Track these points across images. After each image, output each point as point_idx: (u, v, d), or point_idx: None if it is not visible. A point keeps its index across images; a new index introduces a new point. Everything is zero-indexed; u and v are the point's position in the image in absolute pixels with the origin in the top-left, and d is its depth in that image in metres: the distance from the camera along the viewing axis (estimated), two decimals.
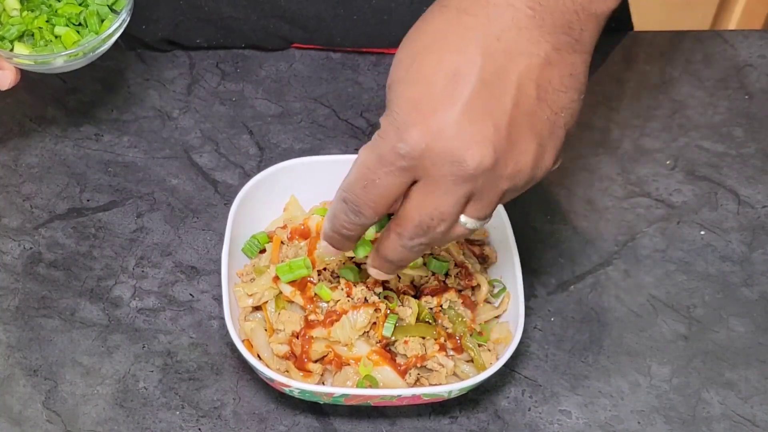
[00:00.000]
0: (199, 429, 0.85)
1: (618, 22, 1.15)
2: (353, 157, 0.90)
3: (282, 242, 0.92)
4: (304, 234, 0.89)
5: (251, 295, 0.88)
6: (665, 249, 0.98)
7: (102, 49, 0.93)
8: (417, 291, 0.88)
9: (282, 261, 0.90)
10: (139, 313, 0.92)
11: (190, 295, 0.93)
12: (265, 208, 0.96)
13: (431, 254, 0.89)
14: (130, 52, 1.11)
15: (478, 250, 0.93)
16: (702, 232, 0.99)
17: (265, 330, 0.86)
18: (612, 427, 0.86)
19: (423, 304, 0.84)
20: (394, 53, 1.12)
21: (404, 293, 0.85)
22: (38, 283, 0.94)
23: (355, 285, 0.85)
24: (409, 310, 0.83)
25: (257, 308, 0.89)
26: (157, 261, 0.96)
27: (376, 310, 0.82)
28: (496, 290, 0.91)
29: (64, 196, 1.00)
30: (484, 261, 0.93)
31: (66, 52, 0.90)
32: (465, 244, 0.94)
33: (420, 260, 0.87)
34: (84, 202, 1.00)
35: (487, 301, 0.89)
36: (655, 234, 0.99)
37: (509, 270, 0.88)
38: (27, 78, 1.07)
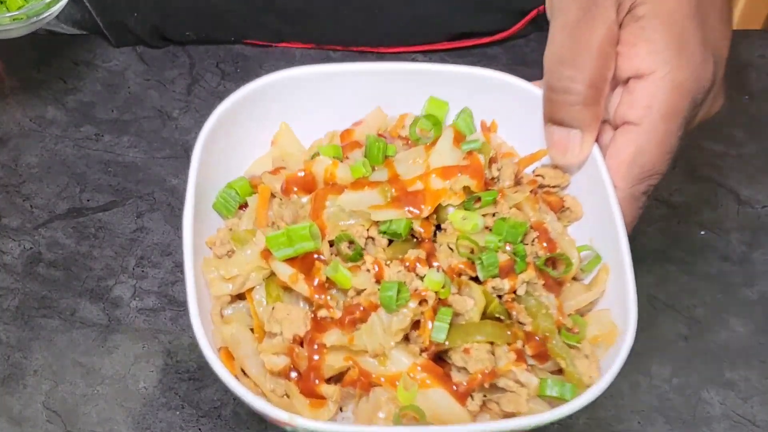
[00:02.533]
0: (199, 429, 0.85)
1: None
2: (364, 66, 0.74)
3: (273, 195, 0.68)
4: (307, 185, 0.65)
5: (229, 279, 0.63)
6: (665, 249, 0.97)
7: (46, 15, 0.94)
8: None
9: (274, 225, 0.66)
10: (139, 313, 0.92)
11: None
12: (245, 142, 0.73)
13: (495, 214, 0.64)
14: (127, 49, 1.11)
15: (556, 200, 0.69)
16: (702, 232, 0.99)
17: (252, 332, 0.63)
18: (612, 427, 0.86)
19: (490, 291, 0.60)
20: (387, 51, 1.12)
21: (461, 275, 0.60)
22: (38, 283, 0.94)
23: (387, 264, 0.60)
24: (470, 301, 0.58)
25: (240, 296, 0.65)
26: (157, 261, 0.95)
27: (421, 303, 0.58)
28: (584, 261, 0.67)
29: (64, 196, 1.00)
30: (565, 216, 0.70)
31: (9, 14, 0.92)
32: (539, 194, 0.69)
33: (481, 221, 0.63)
34: (84, 202, 1.00)
35: (575, 278, 0.66)
36: (655, 234, 0.99)
37: (603, 227, 0.63)
38: (27, 78, 1.07)
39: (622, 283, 0.61)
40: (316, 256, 0.61)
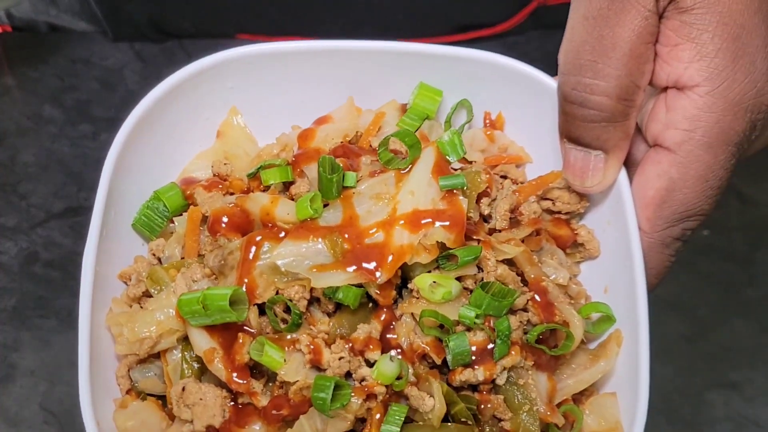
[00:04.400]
0: None
1: None
2: (336, 44, 0.59)
3: (205, 217, 0.56)
4: (239, 225, 0.53)
5: (136, 340, 0.52)
6: None
7: None
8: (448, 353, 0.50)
9: (204, 259, 0.54)
10: None
11: None
12: (188, 129, 0.62)
13: (482, 282, 0.51)
14: (125, 47, 1.10)
15: (568, 234, 0.56)
16: (705, 232, 0.98)
17: (164, 410, 0.53)
18: None
19: (459, 383, 0.50)
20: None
21: (423, 358, 0.50)
22: (35, 283, 0.93)
23: (329, 343, 0.49)
24: (429, 400, 0.48)
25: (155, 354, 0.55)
26: None
27: (367, 398, 0.48)
28: (593, 317, 0.55)
29: (61, 195, 0.99)
30: (578, 252, 0.58)
31: None
32: (543, 228, 0.56)
33: (456, 288, 0.50)
34: (81, 201, 0.99)
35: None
36: None
37: (623, 277, 0.53)
38: (24, 76, 1.07)
39: (634, 361, 0.48)
40: (243, 326, 0.50)
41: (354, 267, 0.47)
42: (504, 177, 0.58)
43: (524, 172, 0.60)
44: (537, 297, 0.50)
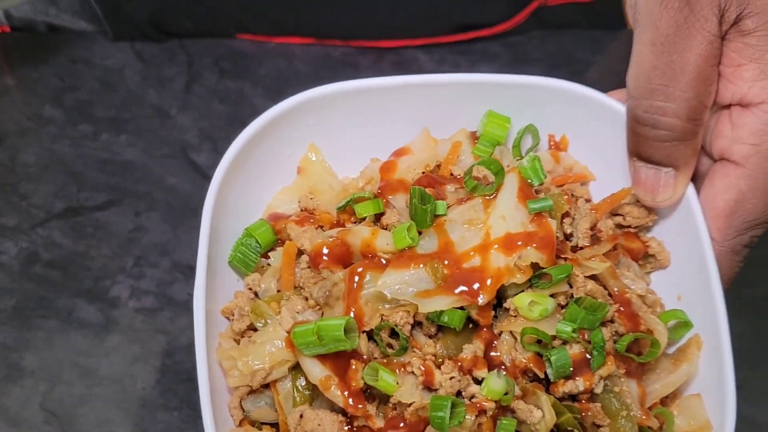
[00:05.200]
0: (198, 430, 0.85)
1: (612, 21, 1.14)
2: (405, 79, 0.63)
3: (300, 251, 0.60)
4: (340, 257, 0.57)
5: (250, 372, 0.56)
6: None
7: None
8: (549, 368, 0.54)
9: (301, 291, 0.58)
10: (137, 313, 0.91)
11: (189, 294, 0.92)
12: (268, 168, 0.66)
13: (572, 297, 0.56)
14: (125, 47, 1.10)
15: (639, 247, 0.61)
16: None
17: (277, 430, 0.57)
18: None
19: (561, 394, 0.54)
20: (387, 46, 1.10)
21: (524, 373, 0.54)
22: (35, 283, 0.93)
23: (438, 364, 0.53)
24: (537, 412, 0.51)
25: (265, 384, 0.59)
26: (155, 261, 0.95)
27: (478, 414, 0.51)
28: (669, 323, 0.60)
29: (62, 196, 0.99)
30: (648, 264, 0.63)
31: None
32: (619, 243, 0.60)
33: (551, 304, 0.54)
34: (81, 201, 0.99)
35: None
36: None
37: (695, 284, 0.57)
38: (25, 76, 1.07)
39: (717, 363, 0.54)
40: (355, 353, 0.54)
41: (457, 291, 0.51)
42: (571, 195, 0.63)
43: (588, 189, 0.64)
44: (622, 308, 0.55)
